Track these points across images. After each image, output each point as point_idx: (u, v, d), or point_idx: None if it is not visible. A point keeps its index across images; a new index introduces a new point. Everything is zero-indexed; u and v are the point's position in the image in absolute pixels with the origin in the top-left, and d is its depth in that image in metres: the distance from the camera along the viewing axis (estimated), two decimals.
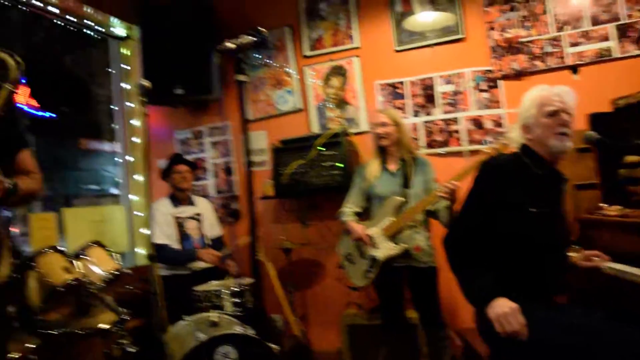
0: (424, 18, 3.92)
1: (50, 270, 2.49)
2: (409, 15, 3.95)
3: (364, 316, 3.66)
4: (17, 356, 2.23)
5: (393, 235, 3.11)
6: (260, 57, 4.35)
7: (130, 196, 4.68)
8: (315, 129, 4.17)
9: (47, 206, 4.30)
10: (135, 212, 4.66)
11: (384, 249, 3.09)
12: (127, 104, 4.72)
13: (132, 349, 2.76)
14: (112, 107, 4.81)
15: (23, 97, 4.27)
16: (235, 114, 4.47)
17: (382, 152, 3.30)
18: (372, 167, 3.29)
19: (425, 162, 3.26)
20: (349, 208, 3.33)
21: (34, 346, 2.31)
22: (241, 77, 2.00)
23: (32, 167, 2.11)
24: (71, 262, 2.66)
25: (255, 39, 2.04)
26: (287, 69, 4.28)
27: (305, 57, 4.22)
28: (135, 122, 4.72)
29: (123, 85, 4.72)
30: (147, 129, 3.54)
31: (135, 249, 4.59)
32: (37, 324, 2.46)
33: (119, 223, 4.55)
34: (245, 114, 4.31)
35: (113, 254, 2.98)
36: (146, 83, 2.32)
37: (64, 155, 5.45)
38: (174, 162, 3.97)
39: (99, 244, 2.94)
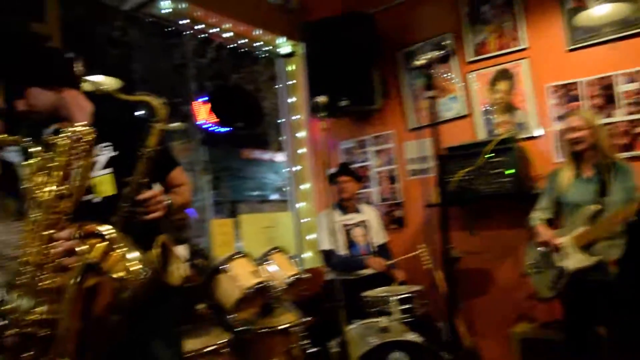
0: (599, 12, 3.77)
1: (240, 273, 2.86)
2: (581, 10, 3.83)
3: (539, 330, 3.60)
4: (212, 348, 2.58)
5: (586, 246, 3.01)
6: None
7: (297, 204, 5.05)
8: (482, 135, 4.21)
9: (217, 210, 4.79)
10: (302, 219, 5.03)
11: (574, 260, 3.03)
12: (293, 117, 5.11)
13: (311, 349, 3.04)
14: (278, 120, 5.24)
15: (204, 115, 4.86)
16: (397, 123, 4.65)
17: (576, 158, 3.20)
18: (565, 174, 3.21)
19: (626, 167, 3.09)
20: (539, 214, 3.30)
21: (226, 340, 2.65)
22: (430, 93, 2.12)
23: (183, 181, 2.38)
24: (257, 266, 3.01)
25: (442, 52, 2.16)
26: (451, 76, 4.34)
27: (469, 62, 4.27)
28: (301, 134, 5.10)
29: (289, 99, 5.12)
30: (318, 139, 3.83)
31: (303, 254, 4.95)
32: (229, 322, 2.82)
33: (287, 229, 4.95)
34: (408, 122, 4.53)
35: (293, 259, 3.30)
36: (322, 99, 2.56)
37: (231, 165, 6.00)
38: (337, 172, 4.25)
39: (280, 250, 3.27)
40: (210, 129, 4.67)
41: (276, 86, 5.33)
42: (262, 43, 5.01)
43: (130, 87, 1.81)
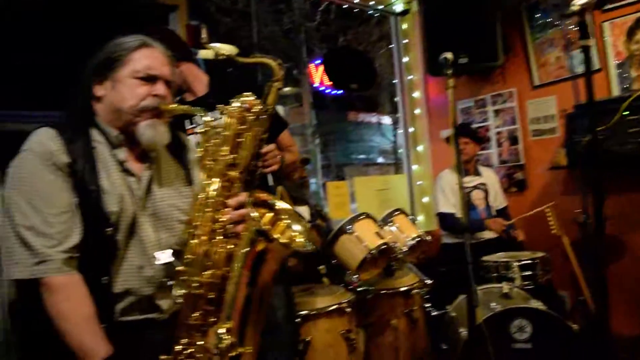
0: None
1: (364, 234, 2.86)
2: None
3: None
4: (335, 307, 2.63)
5: None
6: (548, 16, 4.16)
7: (412, 166, 4.97)
8: (616, 91, 3.86)
9: (324, 174, 4.85)
10: (417, 182, 4.96)
11: None
12: (408, 77, 5.00)
13: (434, 312, 3.02)
14: (391, 81, 5.15)
15: (317, 78, 4.92)
16: (520, 80, 4.39)
17: None
18: None
19: None
20: None
21: (348, 300, 2.68)
22: (585, 42, 1.94)
23: (290, 142, 2.54)
24: (381, 228, 3.01)
25: None
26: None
27: (604, 11, 3.89)
28: (416, 94, 4.98)
29: (403, 59, 5.00)
30: (434, 99, 3.71)
31: (417, 217, 4.90)
32: (351, 282, 2.85)
33: (400, 191, 4.90)
34: (532, 79, 4.27)
35: (415, 221, 3.26)
36: (448, 55, 2.46)
37: (338, 128, 6.01)
38: (457, 133, 4.10)
39: (403, 211, 3.25)
40: (324, 91, 4.70)
41: (390, 46, 5.22)
42: (373, 2, 4.90)
43: (244, 54, 1.84)
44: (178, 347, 1.35)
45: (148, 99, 1.51)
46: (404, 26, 5.05)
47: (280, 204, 1.34)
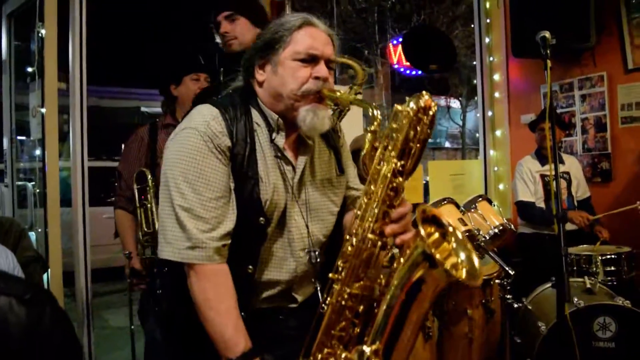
0: None
1: (448, 219, 2.78)
2: None
3: None
4: None
5: None
6: None
7: (490, 151, 4.81)
8: None
9: None
10: (494, 168, 4.80)
11: None
12: (489, 58, 4.81)
13: (515, 304, 2.91)
14: (471, 62, 4.97)
15: (394, 59, 4.81)
16: (612, 63, 4.12)
17: None
18: None
19: None
20: None
21: None
22: None
23: None
24: (464, 214, 2.92)
25: None
26: None
27: None
28: (496, 77, 4.80)
29: (485, 39, 4.82)
30: (517, 82, 3.55)
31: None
32: None
33: (476, 177, 4.76)
34: (626, 61, 4.00)
35: (500, 209, 3.15)
36: (547, 34, 2.33)
37: None
38: (540, 118, 3.92)
39: (487, 198, 3.15)
40: (403, 71, 4.60)
41: (463, 27, 5.04)
42: None
43: None
44: (319, 355, 1.29)
45: (310, 82, 1.44)
46: (487, 5, 4.85)
47: (451, 226, 1.21)
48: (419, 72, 4.65)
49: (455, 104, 17.39)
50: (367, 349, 1.19)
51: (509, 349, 3.01)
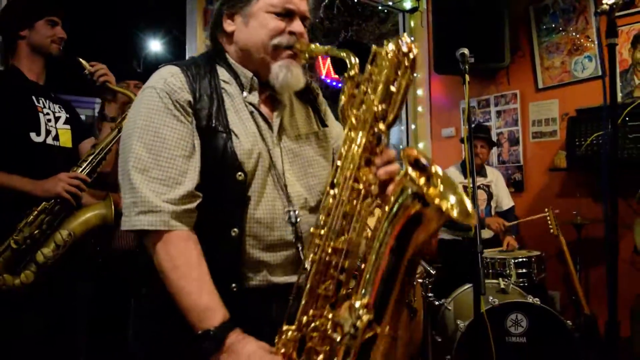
0: None
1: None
2: None
3: None
4: None
5: None
6: (555, 20, 4.21)
7: None
8: (619, 97, 3.90)
9: None
10: None
11: None
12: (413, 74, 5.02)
13: (436, 302, 3.04)
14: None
15: (323, 72, 4.95)
16: (524, 82, 4.44)
17: None
18: None
19: None
20: None
21: None
22: (612, 41, 1.90)
23: None
24: None
25: None
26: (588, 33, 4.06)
27: None
28: (419, 92, 5.02)
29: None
30: (437, 97, 3.74)
31: None
32: None
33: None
34: (536, 81, 4.32)
35: None
36: (465, 51, 2.48)
37: None
38: (472, 133, 4.12)
39: None
40: (331, 83, 4.72)
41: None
42: None
43: None
44: (304, 318, 1.16)
45: (283, 36, 1.34)
46: (412, 24, 5.09)
47: (435, 167, 1.09)
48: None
49: None
50: (356, 303, 1.06)
51: (430, 347, 3.14)
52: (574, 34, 4.16)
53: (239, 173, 1.28)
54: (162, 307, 1.24)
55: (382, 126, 1.16)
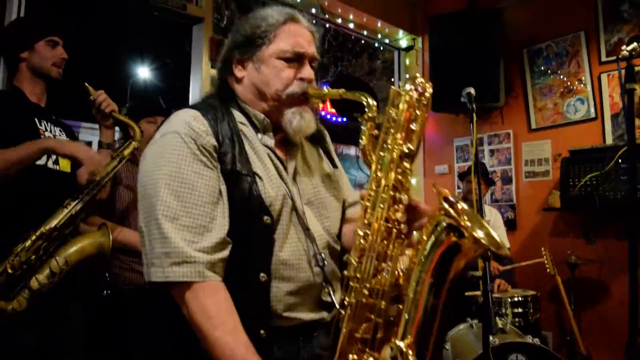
0: None
1: None
2: None
3: None
4: None
5: None
6: (549, 63, 4.34)
7: None
8: (610, 139, 4.01)
9: None
10: None
11: None
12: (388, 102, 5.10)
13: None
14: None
15: (321, 105, 4.94)
16: (517, 122, 4.55)
17: None
18: None
19: None
20: None
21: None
22: (631, 86, 1.96)
23: None
24: None
25: None
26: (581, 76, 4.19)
27: (602, 63, 4.09)
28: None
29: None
30: (431, 135, 3.80)
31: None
32: None
33: None
34: (529, 122, 4.41)
35: None
36: (471, 90, 2.53)
37: None
38: (469, 171, 4.18)
39: None
40: (329, 118, 4.77)
41: (374, 80, 5.36)
42: (380, 36, 5.04)
43: None
44: None
45: (295, 84, 1.36)
46: (407, 62, 5.19)
47: (461, 204, 1.09)
48: (343, 119, 4.82)
49: None
50: (400, 344, 1.05)
51: None
52: (566, 77, 4.29)
53: (266, 217, 1.27)
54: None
55: (407, 164, 1.19)
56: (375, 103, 1.27)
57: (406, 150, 1.18)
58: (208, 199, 1.22)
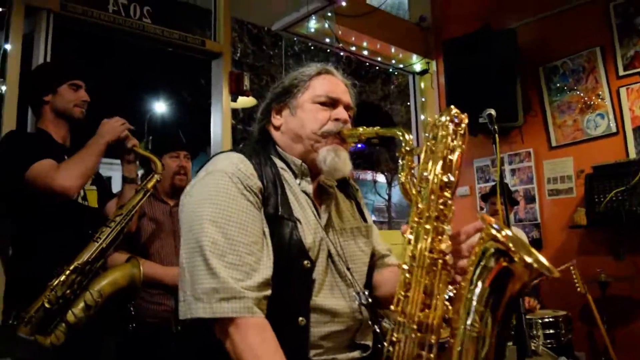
0: None
1: None
2: None
3: None
4: None
5: None
6: (566, 80, 4.34)
7: None
8: (633, 154, 3.98)
9: None
10: None
11: None
12: (425, 134, 5.11)
13: None
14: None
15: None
16: (537, 140, 4.53)
17: None
18: None
19: None
20: None
21: None
22: None
23: None
24: None
25: None
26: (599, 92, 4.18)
27: (620, 77, 4.08)
28: None
29: (421, 116, 5.16)
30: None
31: None
32: None
33: (396, 248, 4.90)
34: (550, 140, 4.40)
35: None
36: (492, 111, 2.52)
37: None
38: (492, 193, 4.17)
39: None
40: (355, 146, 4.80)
41: (389, 105, 5.41)
42: (394, 61, 5.10)
43: None
44: None
45: (329, 124, 1.39)
46: (422, 85, 5.23)
47: (506, 231, 1.06)
48: (362, 145, 4.83)
49: (380, 178, 18.06)
50: None
51: None
52: (584, 92, 4.28)
53: (306, 261, 1.29)
54: None
55: (448, 194, 1.19)
56: (411, 137, 1.28)
57: (446, 180, 1.18)
58: (254, 239, 1.24)
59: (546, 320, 3.46)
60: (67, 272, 2.00)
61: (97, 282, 2.10)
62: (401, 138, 1.29)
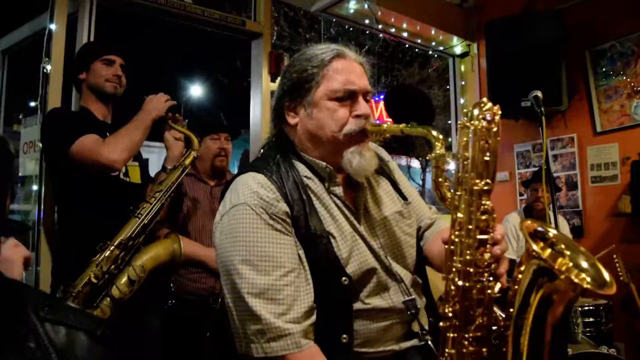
0: None
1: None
2: None
3: None
4: None
5: None
6: (614, 64, 4.21)
7: None
8: None
9: None
10: None
11: None
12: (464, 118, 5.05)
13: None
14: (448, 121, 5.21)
15: (376, 114, 5.01)
16: (581, 126, 4.42)
17: None
18: None
19: None
20: None
21: None
22: None
23: None
24: None
25: None
26: None
27: None
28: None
29: (460, 100, 5.09)
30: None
31: None
32: None
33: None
34: (594, 125, 4.30)
35: None
36: (539, 93, 2.49)
37: None
38: (535, 178, 4.11)
39: None
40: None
41: (434, 88, 5.33)
42: (434, 43, 5.03)
43: None
44: None
45: (351, 122, 1.31)
46: (462, 68, 5.15)
47: (553, 232, 1.05)
48: None
49: (415, 163, 17.93)
50: None
51: None
52: (632, 77, 4.15)
53: (344, 278, 1.25)
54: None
55: (487, 200, 1.14)
56: (441, 136, 1.21)
57: (485, 188, 1.13)
58: (289, 267, 1.21)
59: (586, 308, 3.40)
60: (112, 247, 2.05)
61: (139, 257, 2.16)
62: (430, 138, 1.21)
